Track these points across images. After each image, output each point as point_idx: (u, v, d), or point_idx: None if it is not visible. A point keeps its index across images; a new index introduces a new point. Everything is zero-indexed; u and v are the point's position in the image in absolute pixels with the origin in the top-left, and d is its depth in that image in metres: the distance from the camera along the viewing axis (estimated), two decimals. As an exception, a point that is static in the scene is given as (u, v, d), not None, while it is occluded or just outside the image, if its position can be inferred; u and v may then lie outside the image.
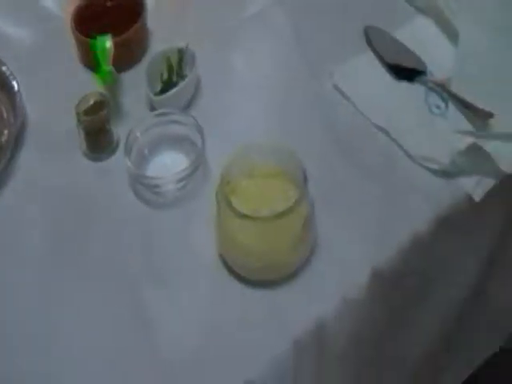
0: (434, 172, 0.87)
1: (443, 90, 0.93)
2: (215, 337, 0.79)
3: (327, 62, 0.98)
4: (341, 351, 0.82)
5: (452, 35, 0.98)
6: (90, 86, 0.96)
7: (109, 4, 1.04)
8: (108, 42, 0.94)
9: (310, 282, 0.81)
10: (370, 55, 0.99)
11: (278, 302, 0.80)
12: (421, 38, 1.00)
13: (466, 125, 0.90)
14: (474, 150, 0.86)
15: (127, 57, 1.01)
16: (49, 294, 0.84)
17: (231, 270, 0.83)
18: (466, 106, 0.91)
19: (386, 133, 0.91)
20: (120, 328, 0.81)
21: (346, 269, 0.81)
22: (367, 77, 0.98)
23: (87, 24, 1.00)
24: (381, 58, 0.99)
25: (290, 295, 0.81)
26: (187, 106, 0.97)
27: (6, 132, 0.94)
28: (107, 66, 0.93)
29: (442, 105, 0.93)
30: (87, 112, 0.93)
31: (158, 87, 0.97)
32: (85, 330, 0.81)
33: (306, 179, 0.78)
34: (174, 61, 0.98)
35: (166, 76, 0.98)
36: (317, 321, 0.78)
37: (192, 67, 0.97)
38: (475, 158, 0.86)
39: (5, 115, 0.96)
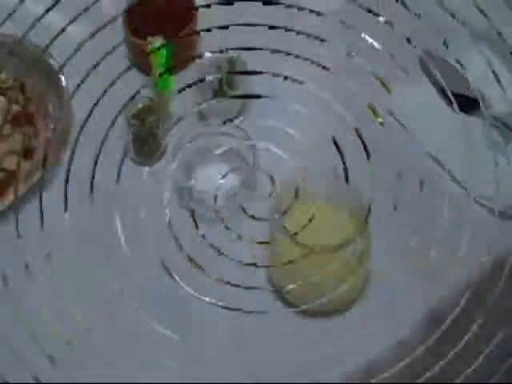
0: (493, 212, 0.85)
1: (503, 125, 0.91)
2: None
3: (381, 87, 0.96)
4: None
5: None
6: (140, 88, 0.94)
7: (160, 4, 1.01)
8: (165, 47, 0.92)
9: (361, 316, 0.79)
10: (426, 82, 0.97)
11: (328, 334, 0.79)
12: (479, 67, 0.98)
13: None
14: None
15: (176, 61, 0.98)
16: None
17: (281, 295, 0.81)
18: (528, 144, 0.89)
19: (440, 164, 0.90)
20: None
21: (397, 306, 0.80)
22: (422, 104, 0.96)
23: (139, 25, 0.98)
24: (437, 86, 0.96)
25: (341, 328, 0.79)
26: (236, 118, 0.95)
27: (52, 126, 0.92)
28: (165, 72, 0.91)
29: (502, 141, 0.91)
30: (135, 116, 0.91)
31: (208, 96, 0.95)
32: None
33: (369, 213, 0.76)
34: (225, 70, 0.96)
35: (216, 85, 0.95)
36: (367, 359, 0.77)
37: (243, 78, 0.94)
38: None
39: (51, 110, 0.94)
